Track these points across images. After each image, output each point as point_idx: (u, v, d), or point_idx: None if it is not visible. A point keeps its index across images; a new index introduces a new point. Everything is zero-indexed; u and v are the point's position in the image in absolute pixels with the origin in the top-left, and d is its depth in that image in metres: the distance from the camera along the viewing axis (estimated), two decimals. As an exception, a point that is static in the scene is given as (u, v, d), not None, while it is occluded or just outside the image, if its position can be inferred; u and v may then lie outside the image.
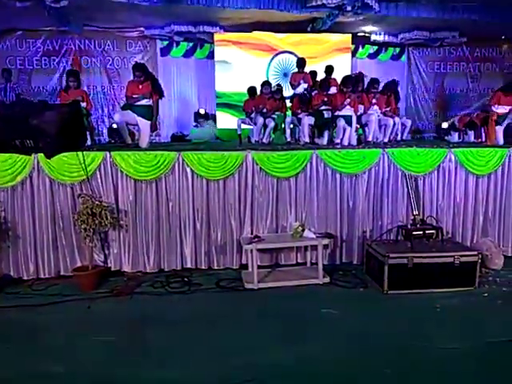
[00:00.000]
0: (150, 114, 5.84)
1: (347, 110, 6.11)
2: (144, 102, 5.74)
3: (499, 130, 6.36)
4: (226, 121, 10.10)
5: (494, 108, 6.38)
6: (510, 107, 6.31)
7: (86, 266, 4.81)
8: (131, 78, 5.92)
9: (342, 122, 5.94)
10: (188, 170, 5.01)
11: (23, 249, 4.86)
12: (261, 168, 5.11)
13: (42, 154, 4.73)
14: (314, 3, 8.28)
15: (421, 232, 4.85)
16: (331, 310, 4.07)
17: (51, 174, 4.80)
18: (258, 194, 5.15)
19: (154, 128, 6.12)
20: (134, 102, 5.73)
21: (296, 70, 8.24)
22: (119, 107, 6.41)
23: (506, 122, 6.39)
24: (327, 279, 4.82)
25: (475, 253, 4.63)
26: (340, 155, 5.21)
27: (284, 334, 3.62)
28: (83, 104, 6.09)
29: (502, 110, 6.35)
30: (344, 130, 5.97)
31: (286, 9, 8.61)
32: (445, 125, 9.74)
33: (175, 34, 10.32)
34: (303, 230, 4.96)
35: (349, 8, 8.37)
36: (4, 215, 4.79)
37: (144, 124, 5.81)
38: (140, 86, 5.73)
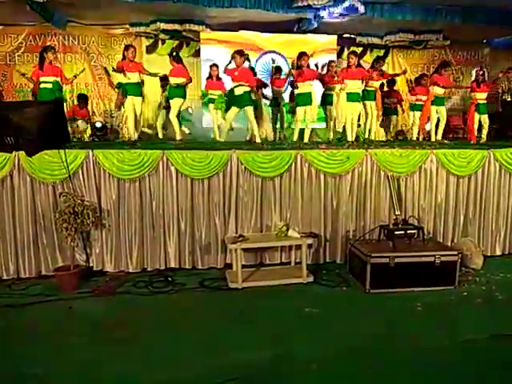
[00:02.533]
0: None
1: (306, 86, 6.18)
2: (134, 79, 6.13)
3: (434, 108, 6.90)
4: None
5: (430, 89, 6.92)
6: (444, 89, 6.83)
7: (68, 265, 4.74)
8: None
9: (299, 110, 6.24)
10: (172, 168, 4.99)
11: (3, 248, 4.77)
12: (245, 167, 5.11)
13: (22, 152, 4.65)
14: (299, 4, 8.32)
15: (402, 232, 4.90)
16: (314, 309, 4.10)
17: (32, 172, 4.72)
18: (242, 193, 5.15)
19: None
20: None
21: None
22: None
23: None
24: (311, 278, 4.84)
25: (455, 252, 4.71)
26: (324, 156, 5.24)
27: (268, 333, 3.63)
28: (57, 78, 6.14)
29: (438, 90, 6.79)
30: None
31: (272, 9, 8.63)
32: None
33: (161, 32, 10.25)
34: (287, 230, 4.99)
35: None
36: (-17, 214, 4.71)
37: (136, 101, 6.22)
38: (130, 65, 6.09)
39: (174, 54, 6.88)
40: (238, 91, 5.94)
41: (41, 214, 4.82)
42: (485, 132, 7.11)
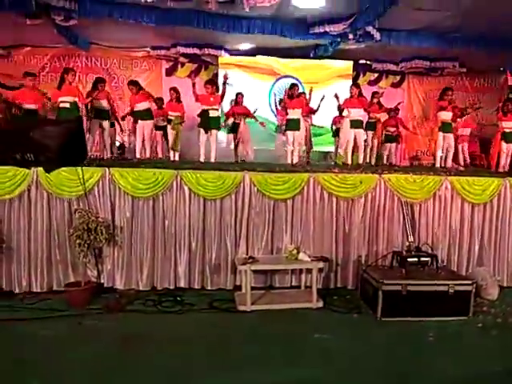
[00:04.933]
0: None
1: (295, 113, 6.90)
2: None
3: (441, 135, 7.03)
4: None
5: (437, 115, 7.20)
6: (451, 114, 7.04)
7: (79, 281, 4.78)
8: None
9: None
10: (186, 188, 5.05)
11: (17, 262, 4.84)
12: (258, 189, 5.14)
13: (41, 168, 4.76)
14: (316, 30, 8.49)
15: (415, 259, 4.83)
16: (324, 335, 4.03)
17: (49, 188, 4.83)
18: (254, 214, 5.17)
19: None
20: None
21: None
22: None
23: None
24: (321, 303, 4.78)
25: (470, 282, 4.61)
26: (337, 179, 5.24)
27: (273, 358, 3.57)
28: (75, 99, 6.42)
29: (444, 116, 6.99)
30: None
31: (289, 35, 8.80)
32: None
33: (180, 56, 10.54)
34: (298, 253, 4.96)
35: (350, 36, 8.58)
36: (0, 227, 4.79)
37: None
38: (137, 97, 7.10)
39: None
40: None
41: (55, 230, 4.90)
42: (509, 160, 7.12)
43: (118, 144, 9.58)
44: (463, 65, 10.45)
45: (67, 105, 6.28)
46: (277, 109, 9.05)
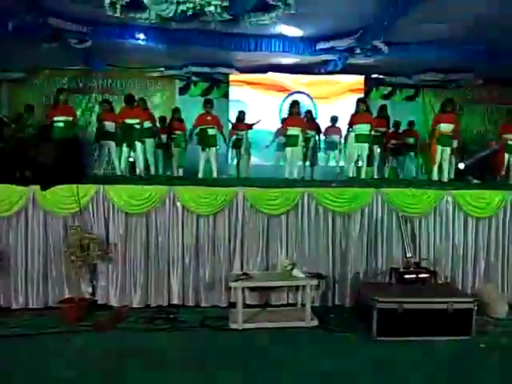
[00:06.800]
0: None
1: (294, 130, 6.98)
2: None
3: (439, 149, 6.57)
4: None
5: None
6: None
7: (73, 298, 4.82)
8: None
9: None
10: (178, 204, 5.05)
11: (14, 279, 4.92)
12: (251, 204, 5.09)
13: (37, 186, 4.88)
14: (323, 46, 8.47)
15: (414, 276, 4.63)
16: (312, 355, 3.89)
17: (45, 205, 4.92)
18: (248, 230, 5.11)
19: None
20: None
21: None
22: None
23: None
24: (315, 322, 4.61)
25: (471, 299, 4.36)
26: (332, 193, 5.13)
27: (254, 379, 3.46)
28: (69, 118, 6.58)
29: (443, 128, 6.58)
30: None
31: (297, 52, 8.83)
32: (461, 165, 9.48)
33: (193, 75, 10.75)
34: (292, 269, 4.84)
35: (358, 51, 8.52)
36: (-2, 245, 4.92)
37: None
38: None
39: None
40: None
41: (52, 247, 4.97)
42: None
43: (131, 160, 9.78)
44: (479, 76, 10.16)
45: (61, 124, 6.44)
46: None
